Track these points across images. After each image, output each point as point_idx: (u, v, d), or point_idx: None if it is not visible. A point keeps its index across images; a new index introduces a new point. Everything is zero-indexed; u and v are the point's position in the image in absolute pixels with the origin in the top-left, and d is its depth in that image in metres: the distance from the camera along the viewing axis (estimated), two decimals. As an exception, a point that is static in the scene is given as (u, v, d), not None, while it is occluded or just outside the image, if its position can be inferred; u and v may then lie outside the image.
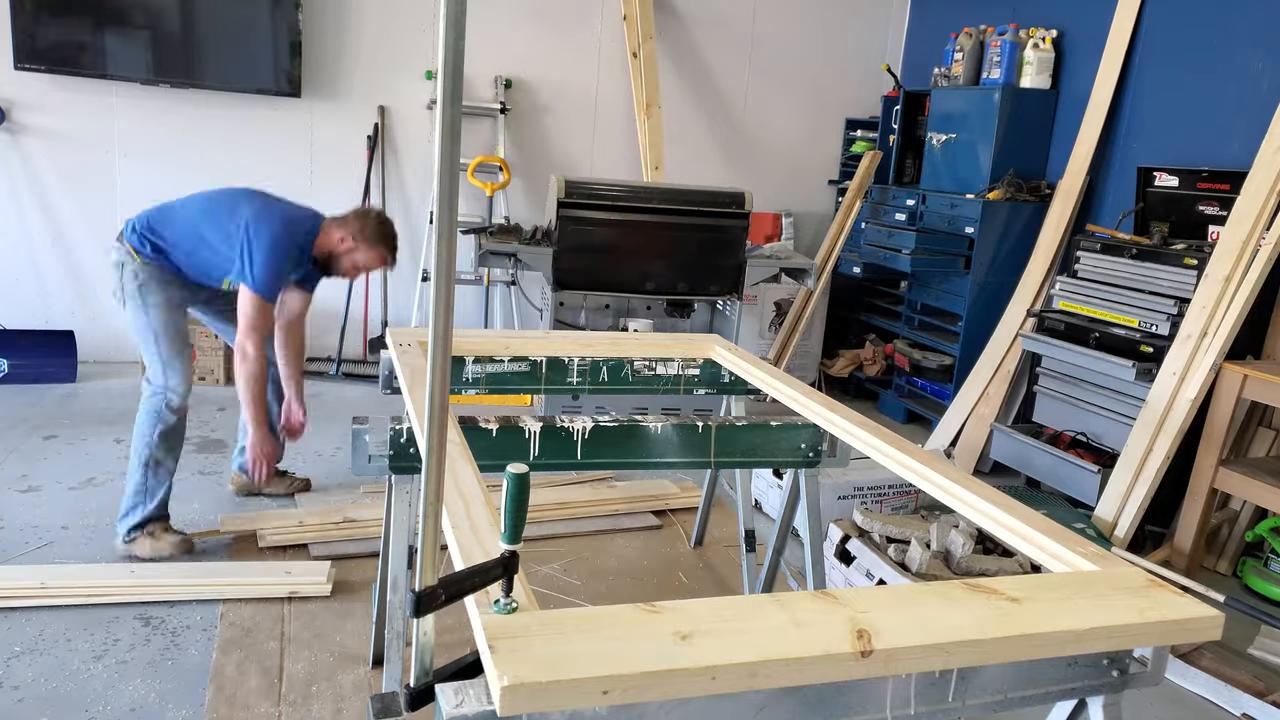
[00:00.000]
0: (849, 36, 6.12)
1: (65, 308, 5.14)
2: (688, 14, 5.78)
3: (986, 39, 5.01)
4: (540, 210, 5.52)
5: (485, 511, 1.50)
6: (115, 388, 4.83)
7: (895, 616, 1.25)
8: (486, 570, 1.15)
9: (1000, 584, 1.37)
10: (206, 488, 3.67)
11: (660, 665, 1.09)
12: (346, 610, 2.86)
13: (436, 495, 1.09)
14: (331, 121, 5.32)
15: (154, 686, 2.43)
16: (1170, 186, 4.08)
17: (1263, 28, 3.89)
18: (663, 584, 3.22)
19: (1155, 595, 1.38)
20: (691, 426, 2.27)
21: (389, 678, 2.20)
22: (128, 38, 4.84)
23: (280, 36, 5.01)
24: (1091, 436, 4.06)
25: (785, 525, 2.80)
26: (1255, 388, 3.45)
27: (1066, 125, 4.82)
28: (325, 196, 5.38)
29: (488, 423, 2.14)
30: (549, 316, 4.82)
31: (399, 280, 5.53)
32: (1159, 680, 1.39)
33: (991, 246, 4.77)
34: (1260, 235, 3.58)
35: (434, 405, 1.06)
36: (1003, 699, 1.33)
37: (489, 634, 1.11)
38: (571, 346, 2.76)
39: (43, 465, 3.76)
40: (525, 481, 1.15)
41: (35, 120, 4.91)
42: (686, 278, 4.66)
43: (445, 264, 1.01)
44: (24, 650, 2.54)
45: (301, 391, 3.44)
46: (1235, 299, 3.55)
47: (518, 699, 1.03)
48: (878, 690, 1.25)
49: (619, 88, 5.71)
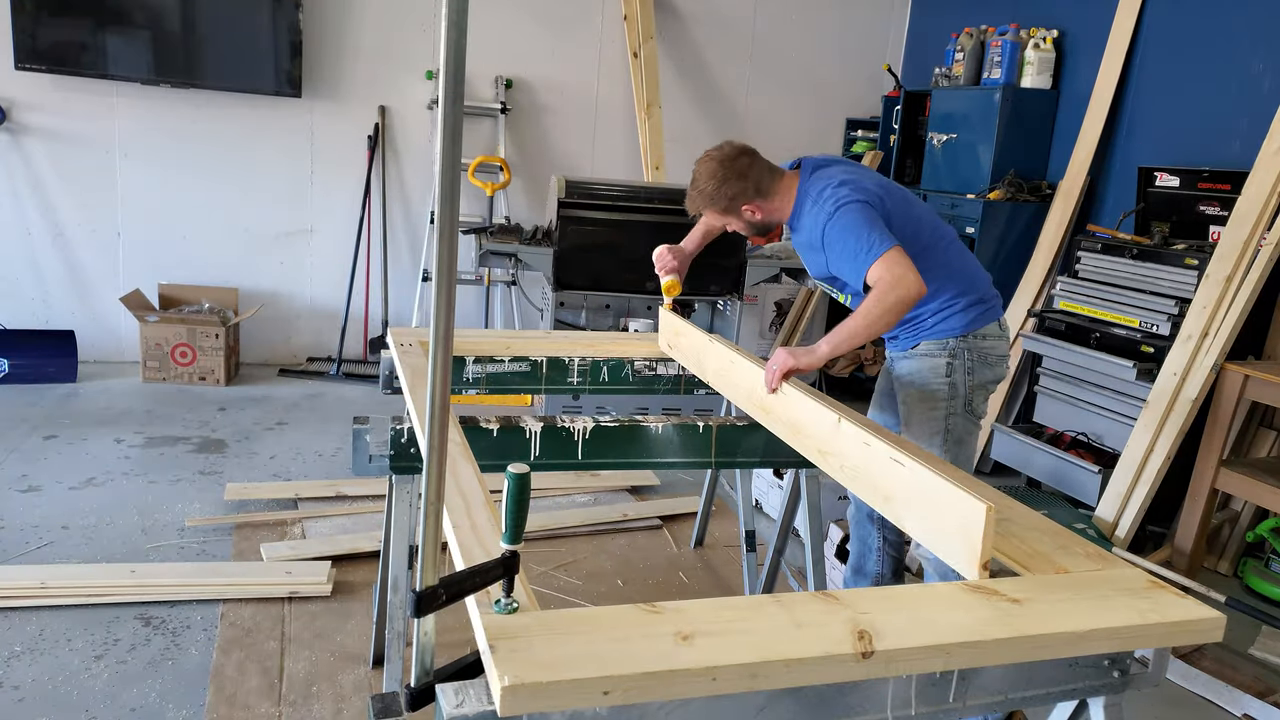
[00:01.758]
0: (850, 36, 6.11)
1: (65, 308, 5.14)
2: (688, 14, 5.78)
3: (987, 39, 5.01)
4: (540, 210, 5.52)
5: (486, 511, 1.50)
6: (115, 388, 4.83)
7: (896, 617, 1.25)
8: (487, 570, 1.15)
9: (1002, 585, 1.37)
10: (207, 487, 3.67)
11: (661, 666, 1.09)
12: (347, 610, 2.86)
13: (437, 495, 1.09)
14: (332, 121, 5.31)
15: (154, 686, 2.43)
16: (1171, 187, 4.08)
17: (1263, 28, 3.89)
18: (663, 584, 3.21)
19: (1157, 596, 1.38)
20: (692, 426, 2.27)
21: (389, 678, 2.20)
22: (128, 38, 4.83)
23: (281, 36, 5.01)
24: (1092, 437, 4.06)
25: (786, 525, 2.80)
26: (1256, 388, 3.45)
27: (1067, 125, 4.81)
28: (325, 196, 5.40)
29: (488, 423, 2.14)
30: (549, 316, 4.81)
31: (399, 280, 5.53)
32: (1159, 681, 1.38)
33: (992, 246, 4.76)
34: (1261, 235, 3.57)
35: (435, 405, 1.06)
36: (1003, 700, 1.33)
37: (489, 634, 1.11)
38: (572, 346, 2.76)
39: (43, 465, 3.76)
40: (526, 481, 1.15)
41: (36, 120, 4.91)
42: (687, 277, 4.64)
43: (447, 264, 1.01)
44: (24, 650, 2.54)
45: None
46: (1236, 299, 3.55)
47: (518, 699, 1.03)
48: (878, 691, 1.25)
49: (619, 87, 5.71)
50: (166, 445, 4.08)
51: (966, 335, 2.41)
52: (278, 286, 5.43)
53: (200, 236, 5.25)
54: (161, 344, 4.89)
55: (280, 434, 4.35)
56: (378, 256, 5.47)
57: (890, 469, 1.65)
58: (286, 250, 5.41)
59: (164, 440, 4.14)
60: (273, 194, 5.32)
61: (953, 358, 2.41)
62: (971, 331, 2.41)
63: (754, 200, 2.42)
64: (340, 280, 5.38)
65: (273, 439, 4.27)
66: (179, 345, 4.90)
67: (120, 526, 3.29)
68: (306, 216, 5.40)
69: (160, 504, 3.49)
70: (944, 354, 2.42)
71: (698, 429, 2.27)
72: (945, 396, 2.42)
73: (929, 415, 2.43)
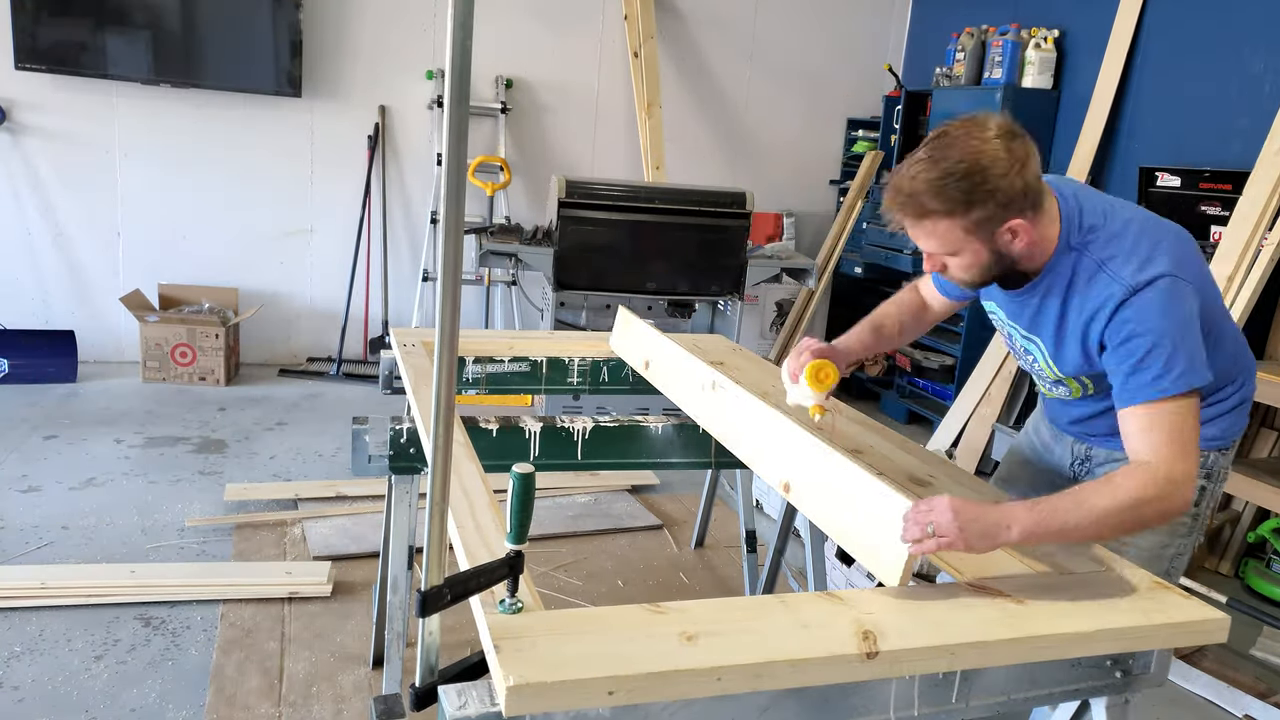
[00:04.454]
0: (850, 36, 6.11)
1: (65, 308, 5.13)
2: (689, 13, 5.78)
3: (988, 39, 5.01)
4: (541, 210, 5.51)
5: (490, 511, 1.49)
6: (115, 388, 4.82)
7: (901, 618, 1.25)
8: (492, 570, 1.15)
9: (1005, 586, 1.37)
10: (206, 488, 3.66)
11: (666, 666, 1.09)
12: (347, 611, 2.85)
13: (442, 494, 1.09)
14: (332, 121, 5.31)
15: (154, 687, 2.42)
16: (1172, 187, 4.08)
17: (1264, 28, 3.89)
18: (663, 585, 3.21)
19: (1161, 597, 1.38)
20: (693, 426, 2.26)
21: (389, 678, 2.20)
22: (128, 38, 4.83)
23: (281, 36, 5.00)
24: (1093, 437, 4.05)
25: (786, 526, 2.80)
26: (1257, 388, 3.44)
27: (1068, 125, 4.81)
28: (325, 196, 5.40)
29: (488, 423, 2.14)
30: (549, 316, 4.81)
31: (399, 280, 5.53)
32: (1162, 681, 1.38)
33: (992, 247, 4.76)
34: (1262, 236, 3.57)
35: (440, 405, 1.06)
36: (1006, 700, 1.33)
37: (494, 634, 1.11)
38: (575, 347, 2.76)
39: (43, 465, 3.76)
40: (530, 481, 1.15)
41: (36, 120, 4.91)
42: (687, 278, 4.65)
43: (452, 264, 1.01)
44: (24, 650, 2.53)
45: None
46: (1237, 300, 3.55)
47: (523, 699, 1.03)
48: (881, 692, 1.24)
49: (620, 87, 5.71)
50: (166, 445, 4.08)
51: (1230, 446, 1.79)
52: (278, 286, 5.42)
53: (200, 236, 5.25)
54: (161, 344, 4.89)
55: (280, 434, 4.34)
56: (378, 256, 5.47)
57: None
58: (286, 250, 5.41)
59: (164, 440, 4.13)
60: (273, 194, 5.32)
61: (1208, 479, 1.76)
62: (1234, 439, 1.80)
63: (1027, 214, 1.50)
64: (340, 280, 5.38)
65: (273, 439, 4.27)
66: (179, 345, 4.90)
67: (120, 527, 3.29)
68: (306, 216, 5.40)
69: (160, 504, 3.49)
70: (1200, 472, 1.70)
71: (698, 429, 2.27)
72: (1185, 532, 1.78)
73: (1158, 552, 1.78)
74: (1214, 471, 1.76)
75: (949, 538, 1.30)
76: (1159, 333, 1.45)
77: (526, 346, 2.70)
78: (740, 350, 2.85)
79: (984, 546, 1.35)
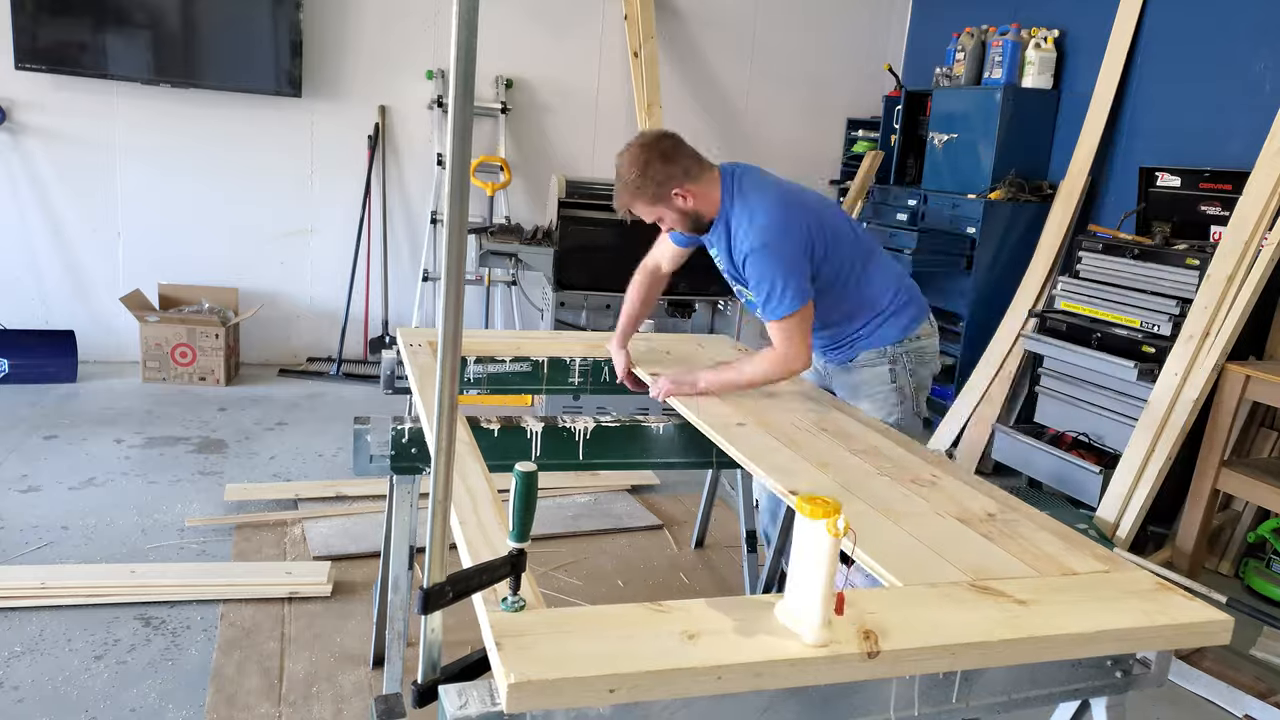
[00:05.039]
0: (850, 36, 6.11)
1: (65, 308, 5.13)
2: (689, 13, 5.78)
3: (988, 39, 5.01)
4: (541, 210, 5.51)
5: (492, 510, 1.50)
6: (115, 388, 4.82)
7: (902, 618, 1.25)
8: (495, 568, 1.15)
9: (1008, 586, 1.37)
10: (206, 488, 3.66)
11: (667, 665, 1.09)
12: (347, 610, 2.85)
13: (445, 493, 1.09)
14: (332, 121, 5.31)
15: (154, 687, 2.42)
16: (1172, 187, 4.08)
17: (1264, 28, 3.89)
18: (663, 585, 3.21)
19: (1164, 598, 1.38)
20: (692, 427, 2.26)
21: (389, 678, 2.20)
22: (128, 37, 4.83)
23: (281, 36, 5.00)
24: (1093, 437, 4.05)
25: (786, 526, 2.79)
26: (1257, 388, 3.45)
27: (1068, 125, 4.81)
28: (325, 196, 5.40)
29: (489, 423, 2.14)
30: (550, 316, 4.81)
31: (399, 280, 5.53)
32: (1162, 682, 1.38)
33: (993, 247, 4.76)
34: (1263, 236, 3.57)
35: (443, 403, 1.06)
36: (1006, 700, 1.33)
37: (496, 632, 1.11)
38: (577, 347, 2.76)
39: (43, 465, 3.76)
40: (533, 480, 1.15)
41: (36, 120, 4.91)
42: (687, 278, 4.62)
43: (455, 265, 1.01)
44: (24, 650, 2.53)
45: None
46: (1237, 300, 3.55)
47: (524, 696, 1.03)
48: (882, 691, 1.24)
49: (620, 87, 5.71)
50: (166, 445, 4.08)
51: (903, 340, 2.49)
52: (278, 286, 5.42)
53: (200, 236, 5.25)
54: (161, 344, 4.89)
55: (280, 434, 4.34)
56: (378, 256, 5.47)
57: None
58: (286, 250, 5.41)
59: (164, 440, 4.13)
60: (273, 194, 5.31)
61: (893, 363, 2.50)
62: (907, 335, 2.50)
63: (684, 184, 2.30)
64: (340, 280, 5.38)
65: (273, 439, 4.27)
66: (179, 345, 4.90)
67: (120, 526, 3.29)
68: (306, 216, 5.40)
69: (160, 504, 3.49)
70: (884, 361, 2.49)
71: (697, 429, 2.27)
72: (895, 402, 2.51)
73: (883, 419, 2.44)
74: (897, 358, 2.48)
75: (665, 390, 2.30)
76: (773, 273, 2.23)
77: (529, 347, 2.70)
78: (745, 351, 2.85)
79: (687, 390, 2.30)
